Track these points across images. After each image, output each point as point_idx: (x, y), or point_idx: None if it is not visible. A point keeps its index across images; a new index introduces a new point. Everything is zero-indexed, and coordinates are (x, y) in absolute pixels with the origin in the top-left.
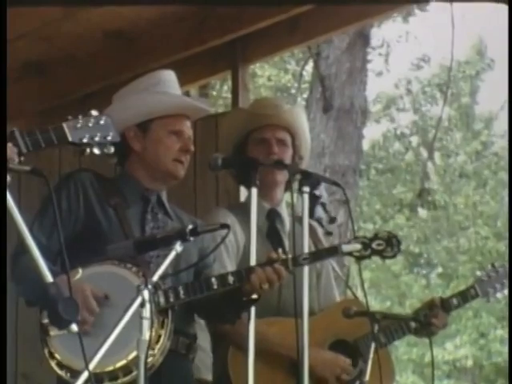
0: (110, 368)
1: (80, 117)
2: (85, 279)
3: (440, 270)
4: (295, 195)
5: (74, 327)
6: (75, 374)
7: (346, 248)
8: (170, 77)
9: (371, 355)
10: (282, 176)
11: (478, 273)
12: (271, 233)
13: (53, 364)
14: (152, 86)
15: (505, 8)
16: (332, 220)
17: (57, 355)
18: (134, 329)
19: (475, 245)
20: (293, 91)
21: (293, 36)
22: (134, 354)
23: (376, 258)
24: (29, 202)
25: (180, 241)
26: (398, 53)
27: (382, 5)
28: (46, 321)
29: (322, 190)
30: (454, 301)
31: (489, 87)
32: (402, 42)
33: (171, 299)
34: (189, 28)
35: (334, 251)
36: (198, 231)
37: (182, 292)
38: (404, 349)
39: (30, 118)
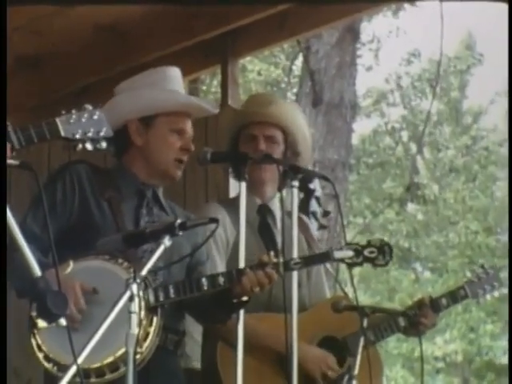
0: (97, 364)
1: (73, 111)
2: (75, 273)
3: (429, 264)
4: (288, 191)
5: (63, 321)
6: (62, 367)
7: (337, 254)
8: (175, 74)
9: (360, 349)
10: (272, 171)
11: (468, 274)
12: (262, 228)
13: (40, 357)
14: (158, 81)
15: (505, 7)
16: (326, 213)
17: (44, 348)
18: (122, 325)
19: (465, 239)
20: (283, 85)
21: (282, 30)
22: (121, 351)
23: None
24: (18, 196)
25: (169, 235)
26: (388, 48)
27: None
28: (35, 313)
29: (316, 184)
30: (444, 301)
31: (478, 81)
32: (392, 37)
33: (161, 298)
34: (179, 22)
35: (325, 257)
36: (187, 225)
37: (171, 291)
38: (394, 343)
39: (22, 113)
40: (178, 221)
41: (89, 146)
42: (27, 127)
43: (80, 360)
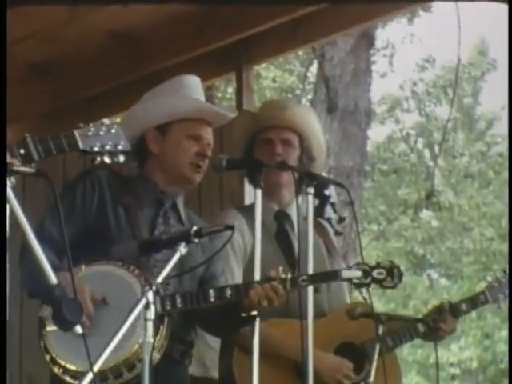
0: (114, 363)
1: (91, 125)
2: (86, 277)
3: (444, 271)
4: (303, 197)
5: (78, 329)
6: (67, 371)
7: (345, 274)
8: (193, 81)
9: (376, 357)
10: (288, 177)
11: (489, 278)
12: (280, 234)
13: (47, 358)
14: (175, 89)
15: (505, 8)
16: (341, 220)
17: (51, 351)
18: (133, 323)
19: (480, 246)
20: (297, 92)
21: (297, 37)
22: (136, 347)
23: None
24: (33, 203)
25: (184, 242)
26: (402, 54)
27: (385, 5)
28: (44, 314)
29: (331, 190)
30: (464, 306)
31: (491, 88)
32: (407, 44)
33: (167, 307)
34: (193, 29)
35: (333, 276)
36: (203, 233)
37: (178, 301)
38: (409, 350)
39: (35, 120)
40: (194, 228)
41: (107, 159)
42: (46, 139)
43: (95, 368)
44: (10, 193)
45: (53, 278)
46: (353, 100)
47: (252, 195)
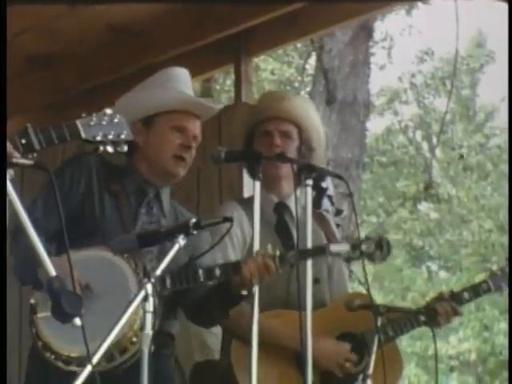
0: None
1: (94, 114)
2: (75, 262)
3: (443, 263)
4: (302, 189)
5: (78, 321)
6: (59, 356)
7: (334, 248)
8: (181, 73)
9: (375, 348)
10: (287, 169)
11: (494, 267)
12: (279, 226)
13: (39, 345)
14: (162, 82)
15: (504, 6)
16: (338, 212)
17: (42, 337)
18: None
19: (478, 238)
20: (296, 84)
21: (295, 29)
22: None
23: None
24: (32, 195)
25: (183, 234)
26: (401, 46)
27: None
28: (34, 301)
29: (328, 183)
30: (466, 294)
31: (489, 80)
32: (405, 36)
33: (157, 288)
34: (192, 22)
35: (321, 251)
36: (202, 224)
37: (168, 281)
38: (407, 342)
39: (35, 113)
40: (193, 220)
41: (110, 149)
42: (47, 128)
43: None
44: (8, 185)
45: (51, 270)
46: (351, 92)
47: (251, 187)
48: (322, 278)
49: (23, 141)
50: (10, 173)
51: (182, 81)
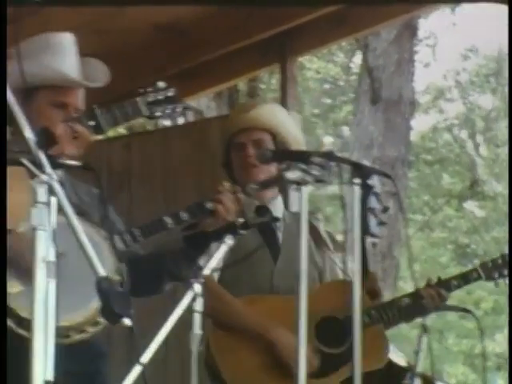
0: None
1: (150, 89)
2: None
3: None
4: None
5: (127, 321)
6: (22, 321)
7: (288, 175)
8: (60, 40)
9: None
10: (268, 174)
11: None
12: (262, 227)
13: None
14: (37, 50)
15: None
16: (385, 209)
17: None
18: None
19: None
20: (341, 83)
21: (341, 28)
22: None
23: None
24: None
25: (231, 234)
26: (444, 44)
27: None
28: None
29: (375, 181)
30: (454, 282)
31: None
32: (449, 33)
33: (128, 242)
34: (238, 21)
35: (278, 180)
36: (249, 224)
37: (137, 233)
38: (453, 340)
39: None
40: (240, 220)
41: (167, 122)
42: (111, 108)
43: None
44: (56, 186)
45: (100, 270)
46: (397, 90)
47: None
48: (307, 274)
49: (92, 123)
50: (57, 173)
51: (59, 50)
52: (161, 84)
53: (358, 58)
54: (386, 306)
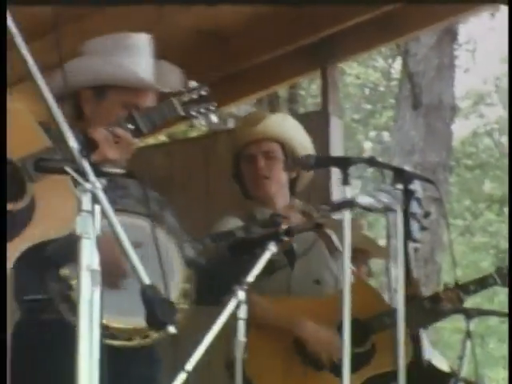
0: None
1: (184, 89)
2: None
3: None
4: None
5: (172, 329)
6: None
7: (360, 201)
8: (137, 42)
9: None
10: (279, 184)
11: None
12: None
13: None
14: (115, 49)
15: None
16: (426, 214)
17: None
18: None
19: None
20: (381, 89)
21: (382, 34)
22: None
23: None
24: None
25: (274, 241)
26: (484, 48)
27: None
28: (67, 272)
29: (416, 185)
30: (471, 287)
31: None
32: (489, 38)
33: (198, 251)
34: (279, 27)
35: (350, 204)
36: (293, 231)
37: (208, 242)
38: (494, 345)
39: None
40: (284, 227)
41: (202, 122)
42: (147, 110)
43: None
44: (100, 194)
45: (145, 279)
46: (437, 95)
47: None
48: (323, 280)
49: (131, 126)
50: (101, 182)
51: (136, 51)
52: (193, 83)
53: (397, 63)
54: (409, 308)
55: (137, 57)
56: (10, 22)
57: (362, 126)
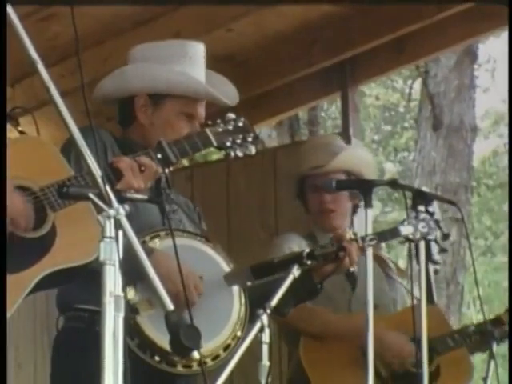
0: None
1: (219, 121)
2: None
3: None
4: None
5: (196, 354)
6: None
7: (402, 230)
8: (196, 51)
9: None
10: (339, 203)
11: None
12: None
13: (132, 345)
14: (175, 57)
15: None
16: (445, 236)
17: (145, 336)
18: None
19: None
20: (401, 110)
21: (401, 56)
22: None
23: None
24: None
25: (297, 264)
26: (503, 68)
27: (489, 22)
28: (131, 298)
29: (435, 207)
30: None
31: None
32: (508, 57)
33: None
34: (298, 50)
35: (393, 234)
36: (316, 254)
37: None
38: None
39: None
40: (307, 250)
41: (239, 153)
42: (180, 140)
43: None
44: (124, 220)
45: (169, 305)
46: (458, 116)
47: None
48: (381, 305)
49: (159, 155)
50: (125, 208)
51: (195, 60)
52: (230, 115)
53: (417, 84)
54: (471, 331)
55: (196, 66)
56: (31, 50)
57: (382, 147)
